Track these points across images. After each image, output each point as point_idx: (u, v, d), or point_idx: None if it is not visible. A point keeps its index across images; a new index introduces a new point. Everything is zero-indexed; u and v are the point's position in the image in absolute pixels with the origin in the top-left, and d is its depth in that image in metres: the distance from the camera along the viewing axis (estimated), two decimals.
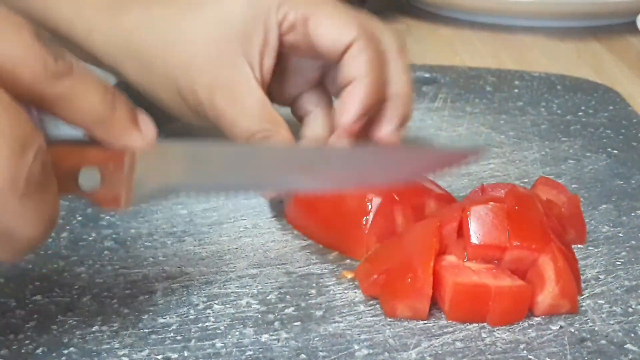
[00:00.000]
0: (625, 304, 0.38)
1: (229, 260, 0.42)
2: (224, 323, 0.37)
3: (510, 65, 0.80)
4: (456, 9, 0.97)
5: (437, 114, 0.63)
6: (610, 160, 0.55)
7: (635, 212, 0.47)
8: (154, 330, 0.36)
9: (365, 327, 0.37)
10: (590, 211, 0.47)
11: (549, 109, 0.65)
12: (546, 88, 0.69)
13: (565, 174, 0.53)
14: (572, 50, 0.87)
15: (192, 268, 0.41)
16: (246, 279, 0.40)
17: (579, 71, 0.77)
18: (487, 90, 0.69)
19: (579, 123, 0.62)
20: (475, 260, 0.38)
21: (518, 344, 0.35)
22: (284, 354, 0.35)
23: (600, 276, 0.41)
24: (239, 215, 0.47)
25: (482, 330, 0.36)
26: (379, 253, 0.40)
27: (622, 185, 0.51)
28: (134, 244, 0.43)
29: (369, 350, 0.35)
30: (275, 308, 0.38)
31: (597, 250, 0.43)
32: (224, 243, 0.44)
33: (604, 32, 0.92)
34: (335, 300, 0.39)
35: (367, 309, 0.38)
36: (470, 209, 0.38)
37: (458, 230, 0.38)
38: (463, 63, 0.81)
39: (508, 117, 0.63)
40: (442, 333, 0.36)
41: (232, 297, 0.39)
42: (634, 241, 0.44)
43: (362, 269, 0.40)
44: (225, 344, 0.35)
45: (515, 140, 0.58)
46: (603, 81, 0.73)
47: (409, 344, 0.35)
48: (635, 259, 0.42)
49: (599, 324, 0.37)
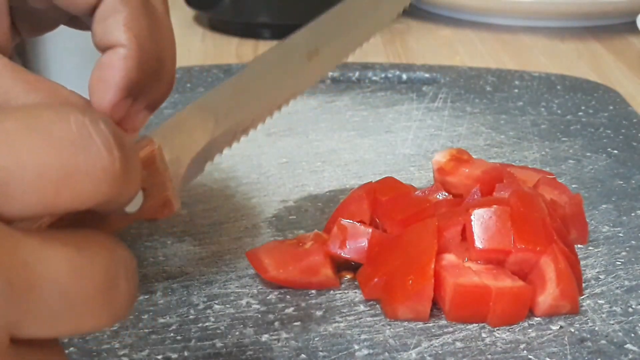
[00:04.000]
0: (625, 304, 0.38)
1: (229, 260, 0.42)
2: (224, 323, 0.37)
3: (510, 65, 0.80)
4: (456, 9, 0.97)
5: (437, 114, 0.63)
6: (610, 160, 0.55)
7: (635, 212, 0.47)
8: (154, 330, 0.36)
9: (365, 327, 0.37)
10: (591, 211, 0.47)
11: (549, 109, 0.65)
12: (546, 88, 0.69)
13: (565, 174, 0.52)
14: (572, 50, 0.87)
15: (192, 268, 0.41)
16: (246, 279, 0.40)
17: (579, 71, 0.77)
18: (487, 90, 0.69)
19: (579, 123, 0.62)
20: (477, 261, 0.38)
21: (518, 344, 0.35)
22: (284, 354, 0.35)
23: (600, 276, 0.41)
24: (239, 215, 0.47)
25: (482, 330, 0.36)
26: (379, 256, 0.40)
27: (622, 185, 0.51)
28: (134, 244, 0.43)
29: (369, 350, 0.35)
30: (275, 308, 0.38)
31: (597, 250, 0.43)
32: (224, 243, 0.44)
33: (604, 32, 0.92)
34: (335, 300, 0.39)
35: (367, 309, 0.38)
36: (473, 212, 0.38)
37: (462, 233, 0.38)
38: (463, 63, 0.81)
39: (508, 117, 0.63)
40: (442, 333, 0.36)
41: (232, 297, 0.39)
42: (634, 241, 0.44)
43: (363, 272, 0.40)
44: (225, 344, 0.35)
45: (515, 140, 0.58)
46: (603, 81, 0.73)
47: (409, 344, 0.35)
48: (635, 259, 0.42)
49: (599, 324, 0.37)
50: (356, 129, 0.60)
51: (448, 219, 0.39)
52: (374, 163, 0.54)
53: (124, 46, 0.33)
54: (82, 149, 0.22)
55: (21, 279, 0.21)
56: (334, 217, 0.43)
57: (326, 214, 0.47)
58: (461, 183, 0.45)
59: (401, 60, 0.83)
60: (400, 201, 0.42)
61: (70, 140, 0.22)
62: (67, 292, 0.22)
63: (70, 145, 0.21)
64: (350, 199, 0.43)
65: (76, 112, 0.22)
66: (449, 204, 0.42)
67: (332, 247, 0.40)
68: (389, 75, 0.71)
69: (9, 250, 0.21)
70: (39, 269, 0.21)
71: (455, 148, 0.48)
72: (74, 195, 0.22)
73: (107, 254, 0.23)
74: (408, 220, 0.40)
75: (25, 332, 0.21)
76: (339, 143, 0.58)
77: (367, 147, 0.57)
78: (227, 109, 0.33)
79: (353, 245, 0.40)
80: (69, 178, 0.21)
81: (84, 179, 0.22)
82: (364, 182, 0.45)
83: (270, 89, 0.35)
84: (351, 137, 0.59)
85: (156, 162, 0.28)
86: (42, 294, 0.21)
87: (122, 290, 0.23)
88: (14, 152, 0.21)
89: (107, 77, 0.33)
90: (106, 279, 0.23)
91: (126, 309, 0.23)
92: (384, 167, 0.54)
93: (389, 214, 0.42)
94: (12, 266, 0.21)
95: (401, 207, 0.42)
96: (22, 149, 0.21)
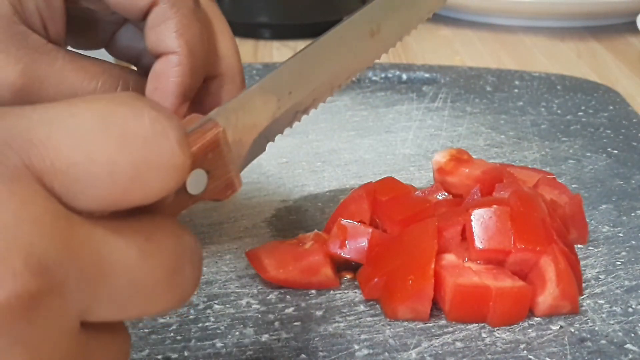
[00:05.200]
0: (625, 304, 0.38)
1: (229, 260, 0.42)
2: (224, 323, 0.37)
3: (510, 65, 0.80)
4: (456, 9, 0.97)
5: (437, 114, 0.63)
6: (610, 160, 0.55)
7: (635, 212, 0.47)
8: (154, 330, 0.36)
9: (365, 327, 0.37)
10: (591, 211, 0.47)
11: (549, 109, 0.65)
12: (546, 88, 0.69)
13: (565, 174, 0.52)
14: (572, 50, 0.87)
15: None
16: (246, 279, 0.40)
17: (579, 71, 0.77)
18: (487, 90, 0.69)
19: (579, 123, 0.62)
20: (477, 261, 0.38)
21: (518, 344, 0.35)
22: (284, 354, 0.35)
23: (600, 276, 0.41)
24: (239, 215, 0.47)
25: (482, 330, 0.36)
26: (379, 256, 0.40)
27: (622, 185, 0.51)
28: None
29: (369, 350, 0.35)
30: (275, 308, 0.38)
31: (597, 250, 0.43)
32: (224, 243, 0.44)
33: (604, 32, 0.92)
34: (335, 300, 0.39)
35: (367, 309, 0.38)
36: (473, 212, 0.38)
37: (462, 233, 0.38)
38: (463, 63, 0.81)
39: (508, 117, 0.63)
40: (442, 333, 0.36)
41: (232, 297, 0.39)
42: (634, 241, 0.44)
43: (363, 272, 0.40)
44: (225, 344, 0.35)
45: (515, 140, 0.58)
46: (603, 81, 0.73)
47: (409, 344, 0.35)
48: (635, 259, 0.42)
49: (599, 324, 0.37)
50: (356, 129, 0.60)
51: (448, 219, 0.39)
52: (374, 163, 0.54)
53: (176, 53, 0.34)
54: (155, 146, 0.22)
55: (93, 267, 0.21)
56: (334, 217, 0.43)
57: (326, 214, 0.47)
58: (461, 183, 0.45)
59: (401, 60, 0.83)
60: (400, 201, 0.42)
61: (144, 136, 0.22)
62: (136, 278, 0.22)
63: (144, 142, 0.22)
64: (350, 199, 0.43)
65: (150, 108, 0.22)
66: (449, 204, 0.42)
67: (332, 247, 0.40)
68: (388, 75, 0.71)
69: (82, 240, 0.21)
70: (110, 257, 0.22)
71: (455, 148, 0.48)
72: (143, 191, 0.22)
73: (174, 239, 0.24)
74: (408, 220, 0.40)
75: (96, 316, 0.22)
76: (339, 143, 0.58)
77: (367, 147, 0.57)
78: (290, 89, 0.33)
79: (353, 245, 0.40)
80: (139, 174, 0.22)
81: (154, 175, 0.22)
82: (364, 182, 0.45)
83: (332, 67, 0.35)
84: (351, 137, 0.59)
85: (220, 145, 0.28)
86: (112, 280, 0.22)
87: (188, 275, 0.24)
88: (86, 149, 0.21)
89: (162, 85, 0.35)
90: (173, 265, 0.23)
91: (191, 292, 0.24)
92: (384, 167, 0.54)
93: (389, 214, 0.42)
94: (85, 255, 0.21)
95: (401, 207, 0.42)
96: (95, 145, 0.21)
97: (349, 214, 0.42)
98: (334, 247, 0.40)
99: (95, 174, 0.21)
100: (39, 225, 0.20)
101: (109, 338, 0.23)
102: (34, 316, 0.20)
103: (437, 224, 0.38)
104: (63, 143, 0.21)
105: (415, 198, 0.43)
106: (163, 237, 0.23)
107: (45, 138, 0.21)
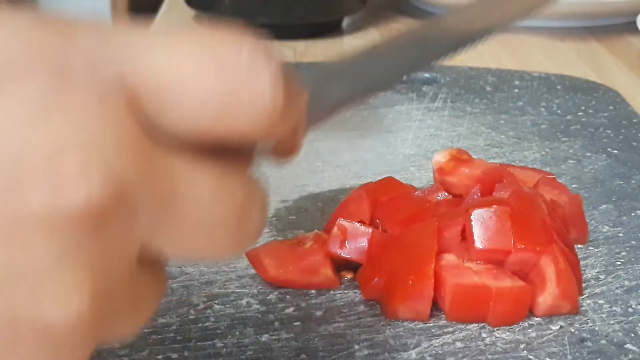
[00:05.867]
0: (625, 304, 0.38)
1: (229, 260, 0.42)
2: (224, 323, 0.37)
3: (510, 65, 0.80)
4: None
5: (437, 114, 0.63)
6: (610, 160, 0.55)
7: (635, 212, 0.47)
8: (154, 330, 0.36)
9: (365, 327, 0.37)
10: (591, 211, 0.47)
11: (549, 109, 0.65)
12: (546, 88, 0.69)
13: (565, 174, 0.52)
14: (572, 50, 0.87)
15: (192, 268, 0.41)
16: (246, 279, 0.40)
17: (579, 71, 0.77)
18: (487, 90, 0.69)
19: (579, 123, 0.62)
20: (477, 261, 0.38)
21: (518, 344, 0.35)
22: (284, 354, 0.35)
23: (600, 276, 0.41)
24: None
25: (482, 330, 0.36)
26: (379, 256, 0.40)
27: (622, 185, 0.51)
28: None
29: (369, 351, 0.35)
30: (275, 308, 0.38)
31: (597, 250, 0.43)
32: None
33: (604, 32, 0.92)
34: (335, 301, 0.39)
35: (367, 309, 0.38)
36: (473, 212, 0.38)
37: (462, 233, 0.38)
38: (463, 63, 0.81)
39: (508, 117, 0.63)
40: (442, 333, 0.36)
41: (232, 297, 0.39)
42: (634, 241, 0.44)
43: (363, 272, 0.40)
44: (225, 344, 0.35)
45: (515, 140, 0.58)
46: (603, 81, 0.73)
47: (409, 344, 0.35)
48: (635, 259, 0.42)
49: (599, 324, 0.37)
50: (356, 129, 0.60)
51: (448, 219, 0.39)
52: (374, 163, 0.54)
53: None
54: (248, 80, 0.21)
55: (166, 197, 0.21)
56: (334, 217, 0.43)
57: (326, 214, 0.47)
58: (461, 183, 0.45)
59: None
60: (400, 201, 0.42)
61: (239, 67, 0.21)
62: (205, 213, 0.22)
63: (238, 73, 0.21)
64: (350, 199, 0.43)
65: (250, 41, 0.22)
66: (449, 204, 0.42)
67: (332, 247, 0.40)
68: None
69: (161, 168, 0.21)
70: (183, 190, 0.21)
71: (455, 148, 0.48)
72: (230, 124, 0.21)
73: (246, 182, 0.23)
74: (408, 220, 0.40)
75: (155, 246, 0.22)
76: (339, 143, 0.58)
77: (367, 147, 0.57)
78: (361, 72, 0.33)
79: (353, 245, 0.40)
80: (229, 104, 0.21)
81: (243, 111, 0.21)
82: (364, 182, 0.45)
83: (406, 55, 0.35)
84: (351, 137, 0.59)
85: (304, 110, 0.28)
86: (181, 210, 0.21)
87: (254, 220, 0.24)
88: (181, 64, 0.21)
89: None
90: (242, 207, 0.23)
91: (253, 239, 0.24)
92: (384, 167, 0.54)
93: (389, 214, 0.42)
94: (161, 183, 0.21)
95: (401, 207, 0.42)
96: (189, 62, 0.21)
97: (349, 214, 0.42)
98: (334, 247, 0.40)
99: (185, 89, 0.21)
100: (123, 145, 0.20)
101: (150, 278, 0.23)
102: (101, 233, 0.19)
103: (437, 224, 0.38)
104: (161, 57, 0.21)
105: (415, 198, 0.43)
106: (236, 179, 0.23)
107: (145, 49, 0.21)
